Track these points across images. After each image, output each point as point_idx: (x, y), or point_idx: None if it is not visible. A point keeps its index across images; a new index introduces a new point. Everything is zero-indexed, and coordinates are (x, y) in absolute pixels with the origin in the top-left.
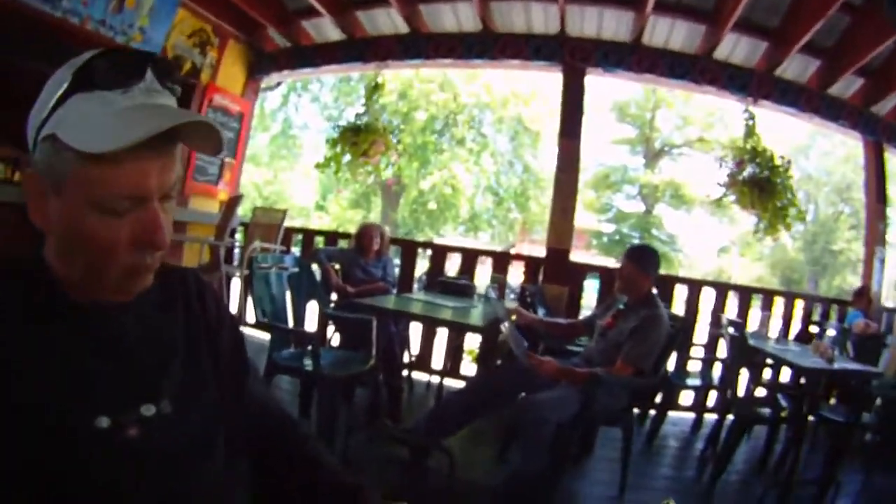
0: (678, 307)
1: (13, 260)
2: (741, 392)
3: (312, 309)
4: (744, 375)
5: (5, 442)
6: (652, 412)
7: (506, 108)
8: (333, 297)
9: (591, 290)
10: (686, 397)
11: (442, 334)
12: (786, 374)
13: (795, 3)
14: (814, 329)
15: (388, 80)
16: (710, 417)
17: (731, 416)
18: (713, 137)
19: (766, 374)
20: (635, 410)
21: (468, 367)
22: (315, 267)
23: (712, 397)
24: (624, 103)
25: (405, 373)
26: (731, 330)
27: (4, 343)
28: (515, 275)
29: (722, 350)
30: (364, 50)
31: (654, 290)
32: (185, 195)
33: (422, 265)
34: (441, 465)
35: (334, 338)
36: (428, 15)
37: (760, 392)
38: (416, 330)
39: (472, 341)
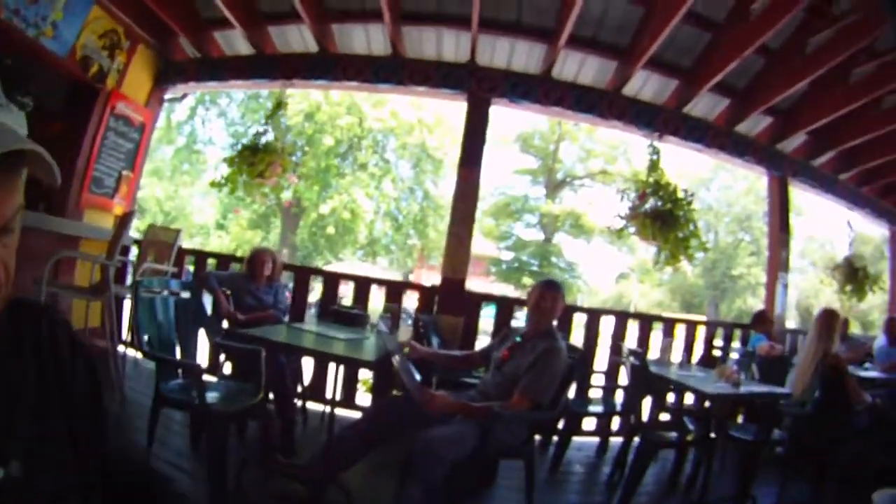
0: (577, 335)
1: None
2: (645, 417)
3: (202, 338)
4: (647, 400)
5: None
6: (555, 438)
7: (411, 134)
8: (225, 324)
9: (487, 317)
10: (590, 423)
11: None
12: (690, 397)
13: (711, 45)
14: (717, 353)
15: (298, 102)
16: (616, 441)
17: (637, 439)
18: (616, 170)
19: (671, 397)
20: (537, 438)
21: (363, 398)
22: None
23: (616, 422)
24: (528, 134)
25: (299, 404)
26: (632, 360)
27: None
28: (414, 300)
29: (623, 377)
30: (272, 66)
31: (555, 323)
32: (80, 208)
33: (319, 290)
34: (339, 500)
35: (226, 366)
36: (339, 35)
37: (665, 416)
38: (308, 358)
39: (367, 371)
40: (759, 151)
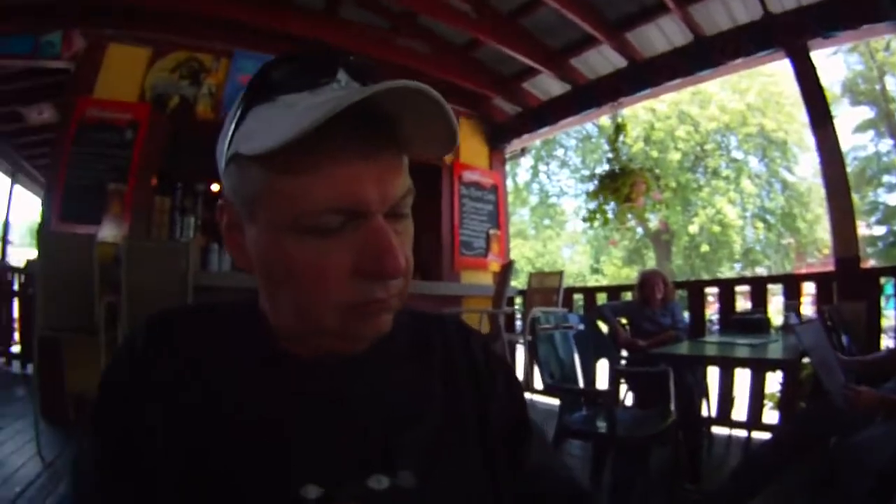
0: None
1: (229, 306)
2: None
3: (602, 368)
4: None
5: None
6: None
7: (746, 123)
8: (624, 353)
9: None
10: None
11: (741, 382)
12: None
13: None
14: None
15: (632, 128)
16: None
17: None
18: None
19: None
20: None
21: (770, 416)
22: (601, 324)
23: None
24: (850, 80)
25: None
26: None
27: (208, 402)
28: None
29: None
30: (592, 94)
31: None
32: (456, 271)
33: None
34: None
35: (627, 397)
36: (636, 41)
37: None
38: (712, 380)
39: (772, 385)
40: None
